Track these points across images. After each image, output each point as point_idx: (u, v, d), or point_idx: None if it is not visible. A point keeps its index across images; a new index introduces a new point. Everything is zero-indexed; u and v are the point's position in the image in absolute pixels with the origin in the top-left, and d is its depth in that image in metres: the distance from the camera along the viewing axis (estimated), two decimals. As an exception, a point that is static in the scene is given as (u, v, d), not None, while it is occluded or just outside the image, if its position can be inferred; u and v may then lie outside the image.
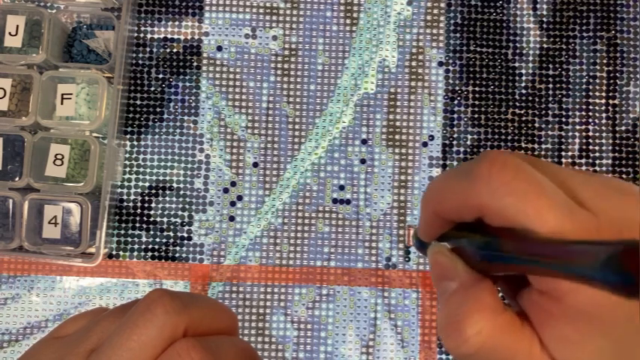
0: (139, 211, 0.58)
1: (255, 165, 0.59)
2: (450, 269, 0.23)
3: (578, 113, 0.60)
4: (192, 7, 0.60)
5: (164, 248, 0.58)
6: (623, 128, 0.60)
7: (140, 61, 0.60)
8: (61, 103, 0.55)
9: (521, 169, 0.21)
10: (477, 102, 0.60)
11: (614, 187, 0.22)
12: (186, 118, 0.59)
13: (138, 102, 0.59)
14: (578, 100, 0.60)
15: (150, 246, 0.58)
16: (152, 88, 0.59)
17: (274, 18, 0.60)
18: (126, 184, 0.59)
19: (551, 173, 0.22)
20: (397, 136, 0.59)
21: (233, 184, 0.59)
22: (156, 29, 0.60)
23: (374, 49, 0.60)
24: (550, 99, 0.60)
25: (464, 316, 0.22)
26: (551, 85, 0.60)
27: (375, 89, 0.60)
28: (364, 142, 0.59)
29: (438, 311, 0.23)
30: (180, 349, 0.24)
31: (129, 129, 0.59)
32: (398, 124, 0.59)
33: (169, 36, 0.60)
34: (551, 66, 0.60)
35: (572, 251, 0.19)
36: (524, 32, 0.60)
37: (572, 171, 0.22)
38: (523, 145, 0.60)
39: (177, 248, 0.58)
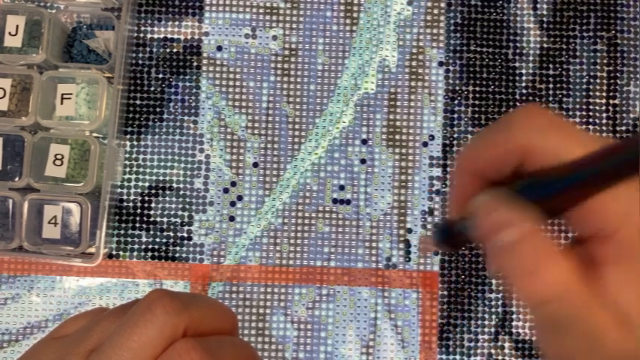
0: (139, 211, 0.58)
1: (255, 165, 0.59)
2: (508, 217, 0.22)
3: (578, 113, 0.60)
4: (192, 7, 0.60)
5: (164, 248, 0.58)
6: (624, 128, 0.60)
7: (140, 61, 0.60)
8: (61, 103, 0.55)
9: (556, 117, 0.22)
10: (477, 102, 0.60)
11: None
12: (186, 118, 0.59)
13: (138, 102, 0.59)
14: (578, 100, 0.60)
15: (150, 246, 0.58)
16: (152, 88, 0.59)
17: (274, 18, 0.60)
18: (126, 184, 0.59)
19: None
20: (397, 136, 0.59)
21: (233, 184, 0.59)
22: (156, 29, 0.60)
23: (374, 49, 0.60)
24: (550, 99, 0.60)
25: (540, 263, 0.21)
26: (551, 85, 0.60)
27: (375, 89, 0.60)
28: (364, 142, 0.59)
29: (497, 265, 0.22)
30: (181, 349, 0.24)
31: (129, 129, 0.59)
32: (398, 124, 0.59)
33: (169, 36, 0.60)
34: (551, 66, 0.60)
35: (614, 146, 0.20)
36: (525, 32, 0.60)
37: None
38: (523, 145, 0.59)
39: (177, 248, 0.58)
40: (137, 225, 0.58)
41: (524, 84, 0.60)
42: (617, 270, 0.21)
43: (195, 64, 0.60)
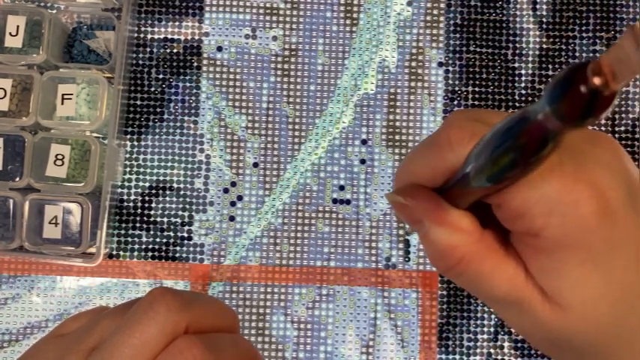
0: (139, 211, 0.58)
1: (255, 165, 0.59)
2: (417, 209, 0.24)
3: (577, 113, 0.60)
4: (192, 8, 0.60)
5: (164, 248, 0.58)
6: (623, 128, 0.60)
7: (140, 62, 0.60)
8: (62, 104, 0.55)
9: (477, 128, 0.22)
10: (476, 102, 0.60)
11: None
12: (186, 118, 0.59)
13: (138, 102, 0.59)
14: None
15: (150, 246, 0.58)
16: (152, 89, 0.59)
17: (274, 18, 0.60)
18: (126, 184, 0.59)
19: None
20: (397, 137, 0.59)
21: (233, 184, 0.59)
22: (156, 29, 0.60)
23: (374, 49, 0.60)
24: (550, 99, 0.60)
25: (444, 248, 0.23)
26: (550, 86, 0.60)
27: (375, 89, 0.60)
28: (364, 142, 0.59)
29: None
30: (182, 346, 0.24)
31: (129, 129, 0.59)
32: (398, 124, 0.60)
33: (169, 36, 0.60)
34: (550, 66, 0.60)
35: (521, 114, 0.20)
36: (524, 32, 0.60)
37: None
38: (523, 145, 0.60)
39: (178, 248, 0.58)
40: (137, 225, 0.58)
41: (523, 84, 0.60)
42: (545, 258, 0.22)
43: (195, 64, 0.60)
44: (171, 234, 0.58)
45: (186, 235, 0.58)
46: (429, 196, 0.24)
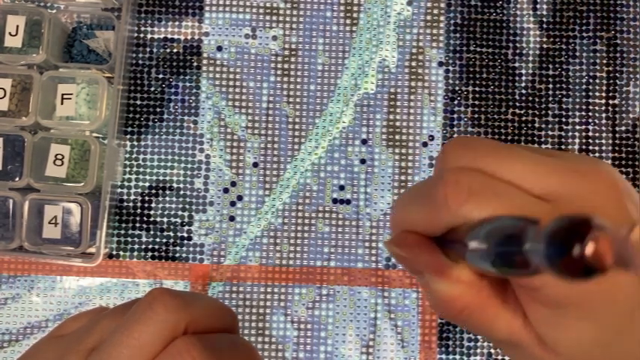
0: (139, 211, 0.58)
1: (255, 165, 0.59)
2: (418, 263, 0.24)
3: (578, 113, 0.60)
4: (192, 7, 0.60)
5: (164, 248, 0.58)
6: (623, 128, 0.60)
7: (140, 61, 0.60)
8: (61, 103, 0.55)
9: (474, 183, 0.22)
10: (477, 102, 0.60)
11: (569, 169, 0.22)
12: (186, 118, 0.59)
13: (138, 102, 0.59)
14: (578, 100, 0.60)
15: (150, 246, 0.58)
16: (152, 88, 0.59)
17: (274, 18, 0.60)
18: (126, 184, 0.59)
19: (507, 169, 0.22)
20: (397, 136, 0.59)
21: (233, 184, 0.59)
22: (156, 29, 0.60)
23: (374, 49, 0.60)
24: (550, 99, 0.60)
25: (445, 300, 0.23)
26: (551, 85, 0.60)
27: (375, 89, 0.60)
28: (364, 142, 0.59)
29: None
30: (181, 346, 0.24)
31: (129, 129, 0.59)
32: (398, 124, 0.60)
33: (169, 36, 0.60)
34: (551, 66, 0.60)
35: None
36: (524, 32, 0.60)
37: (526, 157, 0.23)
38: (523, 145, 0.60)
39: (178, 248, 0.58)
40: (137, 225, 0.58)
41: (523, 84, 0.60)
42: (543, 310, 0.22)
43: (195, 64, 0.60)
44: (171, 234, 0.58)
45: (186, 235, 0.58)
46: (428, 248, 0.24)
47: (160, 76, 0.60)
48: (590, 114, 0.60)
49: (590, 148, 0.60)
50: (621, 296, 0.22)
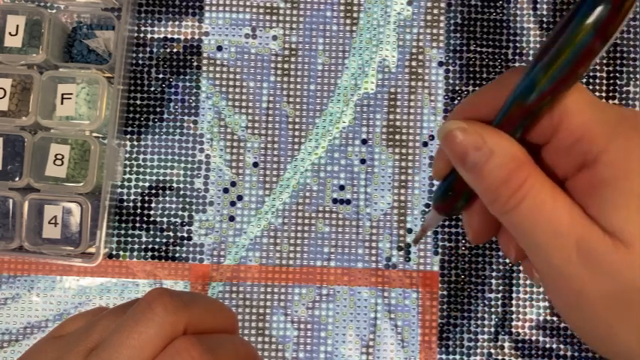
0: (139, 211, 0.58)
1: (255, 165, 0.59)
2: (473, 140, 0.22)
3: (578, 113, 0.60)
4: (192, 7, 0.60)
5: (164, 248, 0.58)
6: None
7: (140, 61, 0.60)
8: (61, 103, 0.55)
9: None
10: (477, 102, 0.60)
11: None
12: (186, 118, 0.59)
13: (138, 102, 0.59)
14: None
15: (150, 246, 0.58)
16: (152, 88, 0.59)
17: (274, 18, 0.60)
18: (126, 184, 0.59)
19: None
20: (397, 136, 0.59)
21: (233, 184, 0.59)
22: (156, 29, 0.60)
23: (374, 49, 0.60)
24: (550, 99, 0.60)
25: (509, 169, 0.21)
26: (551, 85, 0.60)
27: (375, 89, 0.60)
28: (364, 142, 0.59)
29: (472, 183, 0.23)
30: (180, 346, 0.24)
31: (129, 129, 0.59)
32: (398, 124, 0.60)
33: (169, 36, 0.60)
34: (551, 66, 0.60)
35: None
36: (524, 32, 0.60)
37: None
38: (523, 145, 0.60)
39: (177, 248, 0.58)
40: (137, 225, 0.58)
41: (524, 84, 0.60)
42: (606, 193, 0.20)
43: (195, 64, 0.60)
44: (171, 234, 0.58)
45: (186, 235, 0.58)
46: (485, 124, 0.23)
47: (160, 76, 0.60)
48: (590, 114, 0.60)
49: (591, 148, 0.60)
50: None
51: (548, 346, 0.58)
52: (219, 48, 0.60)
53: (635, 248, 0.20)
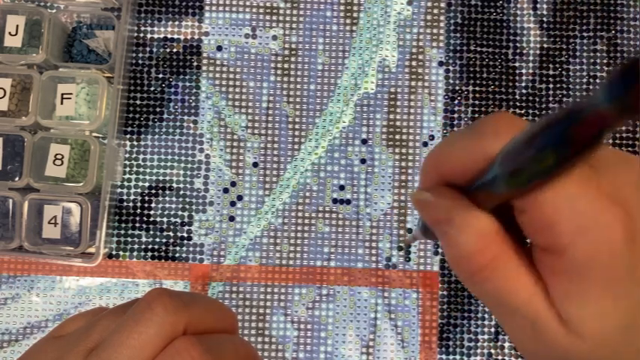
0: (138, 211, 0.58)
1: (255, 165, 0.59)
2: (444, 208, 0.23)
3: (578, 113, 0.60)
4: (192, 7, 0.60)
5: (164, 248, 0.58)
6: (623, 128, 0.60)
7: (140, 61, 0.60)
8: (61, 103, 0.55)
9: (524, 125, 0.21)
10: (477, 102, 0.60)
11: None
12: (186, 118, 0.59)
13: (138, 102, 0.59)
14: (578, 99, 0.60)
15: (150, 246, 0.58)
16: (152, 88, 0.59)
17: (274, 18, 0.60)
18: (126, 184, 0.59)
19: None
20: (397, 136, 0.59)
21: (233, 184, 0.59)
22: (156, 29, 0.60)
23: (374, 49, 0.60)
24: (550, 99, 0.60)
25: (472, 250, 0.22)
26: (551, 85, 0.60)
27: (375, 89, 0.60)
28: (364, 142, 0.59)
29: (444, 248, 0.24)
30: (180, 346, 0.24)
31: (129, 129, 0.59)
32: (398, 124, 0.59)
33: (169, 36, 0.60)
34: (551, 66, 0.60)
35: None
36: (525, 32, 0.60)
37: None
38: (523, 144, 0.59)
39: (177, 248, 0.58)
40: (137, 225, 0.58)
41: (524, 84, 0.60)
42: (567, 282, 0.21)
43: (195, 64, 0.60)
44: (171, 234, 0.58)
45: (185, 235, 0.58)
46: (456, 194, 0.23)
47: (160, 75, 0.59)
48: (590, 114, 0.60)
49: (591, 148, 0.60)
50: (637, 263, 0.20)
51: (548, 346, 0.58)
52: (219, 48, 0.60)
53: (588, 341, 0.21)
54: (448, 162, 0.23)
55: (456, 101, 0.60)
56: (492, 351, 0.58)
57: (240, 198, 0.59)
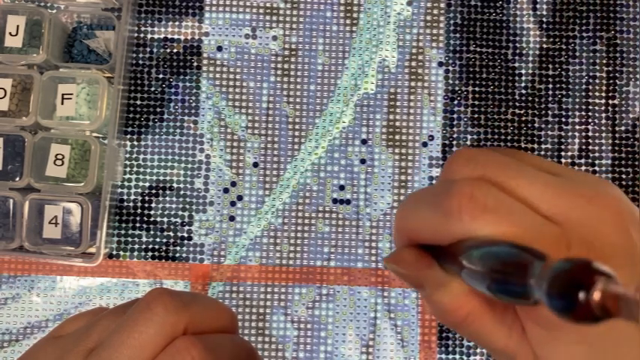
0: (139, 211, 0.58)
1: (255, 165, 0.59)
2: (414, 278, 0.25)
3: (577, 113, 0.60)
4: (192, 7, 0.60)
5: (164, 248, 0.58)
6: (623, 128, 0.60)
7: (140, 61, 0.60)
8: (62, 103, 0.55)
9: (490, 198, 0.21)
10: (476, 102, 0.60)
11: (576, 193, 0.22)
12: (186, 118, 0.59)
13: (138, 102, 0.59)
14: (577, 100, 0.60)
15: (150, 246, 0.58)
16: (152, 88, 0.59)
17: (274, 18, 0.60)
18: (126, 184, 0.59)
19: (516, 187, 0.22)
20: (397, 136, 0.59)
21: (233, 184, 0.59)
22: (156, 29, 0.60)
23: (374, 49, 0.60)
24: (550, 99, 0.60)
25: (448, 309, 0.24)
26: (551, 85, 0.60)
27: (375, 89, 0.60)
28: (364, 142, 0.59)
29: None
30: (180, 346, 0.24)
31: (129, 129, 0.59)
32: (398, 124, 0.60)
33: (169, 36, 0.60)
34: (551, 66, 0.60)
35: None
36: (524, 32, 0.60)
37: (535, 177, 0.22)
38: (523, 145, 0.60)
39: (178, 248, 0.58)
40: (137, 225, 0.58)
41: (523, 84, 0.60)
42: (540, 328, 0.22)
43: (195, 64, 0.60)
44: (171, 234, 0.58)
45: (186, 235, 0.58)
46: (427, 263, 0.24)
47: (160, 76, 0.60)
48: (589, 114, 0.60)
49: (590, 148, 0.60)
50: (617, 326, 0.21)
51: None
52: (219, 48, 0.60)
53: None
54: (415, 230, 0.24)
55: (456, 101, 0.60)
56: (492, 351, 0.58)
57: (240, 198, 0.59)
